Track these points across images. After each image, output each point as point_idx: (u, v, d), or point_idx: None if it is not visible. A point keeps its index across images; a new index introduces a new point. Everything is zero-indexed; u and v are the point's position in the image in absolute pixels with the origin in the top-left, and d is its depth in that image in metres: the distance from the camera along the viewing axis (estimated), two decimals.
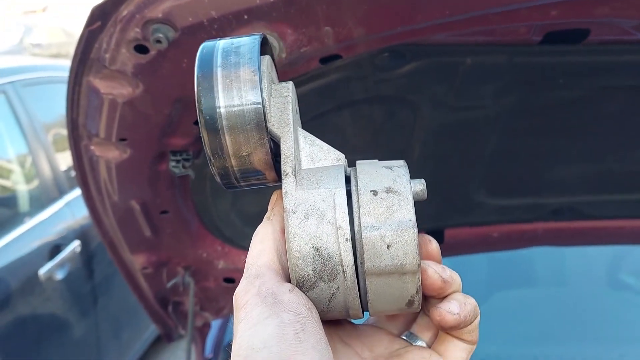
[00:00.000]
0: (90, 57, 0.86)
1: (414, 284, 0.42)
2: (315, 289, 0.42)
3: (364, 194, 0.42)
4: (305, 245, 0.41)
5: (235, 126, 0.42)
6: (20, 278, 2.21)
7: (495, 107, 1.04)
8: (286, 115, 0.45)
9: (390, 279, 0.41)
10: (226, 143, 0.42)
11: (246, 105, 0.42)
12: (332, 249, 0.41)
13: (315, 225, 0.41)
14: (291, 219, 0.41)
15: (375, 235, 0.40)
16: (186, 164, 1.07)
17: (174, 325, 1.51)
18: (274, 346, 0.36)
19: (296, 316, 0.39)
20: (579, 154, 1.17)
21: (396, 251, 0.40)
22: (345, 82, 0.97)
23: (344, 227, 0.41)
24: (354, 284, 0.42)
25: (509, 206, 1.28)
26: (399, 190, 0.42)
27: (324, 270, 0.41)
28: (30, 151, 2.59)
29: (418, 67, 0.95)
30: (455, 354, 0.46)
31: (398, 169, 0.44)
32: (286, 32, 0.80)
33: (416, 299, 0.43)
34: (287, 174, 0.43)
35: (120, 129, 0.97)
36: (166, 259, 1.34)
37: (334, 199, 0.41)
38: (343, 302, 0.42)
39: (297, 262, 0.41)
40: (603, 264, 1.83)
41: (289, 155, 0.43)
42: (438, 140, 1.12)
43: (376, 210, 0.41)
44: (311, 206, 0.41)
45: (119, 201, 1.15)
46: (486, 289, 1.75)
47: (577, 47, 0.93)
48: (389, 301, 0.43)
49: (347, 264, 0.41)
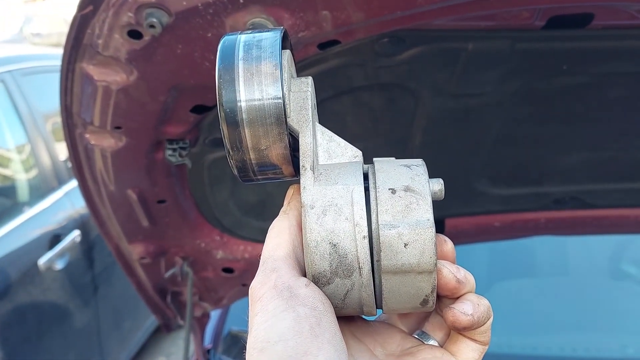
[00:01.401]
0: (82, 42, 0.84)
1: (430, 284, 0.42)
2: (331, 284, 0.42)
3: (382, 191, 0.42)
4: (322, 241, 0.41)
5: (255, 120, 0.42)
6: (20, 268, 2.20)
7: (497, 94, 1.02)
8: (305, 111, 0.45)
9: (406, 278, 0.41)
10: (245, 137, 0.43)
11: (267, 99, 0.42)
12: (349, 245, 0.41)
13: (333, 222, 0.41)
14: (309, 214, 0.41)
15: (393, 234, 0.41)
16: (183, 153, 1.06)
17: (172, 315, 1.51)
18: (290, 340, 0.37)
19: (312, 310, 0.39)
20: (581, 141, 1.15)
21: (413, 250, 0.41)
22: (345, 69, 0.96)
23: (361, 224, 0.41)
24: (369, 282, 0.42)
25: (511, 195, 1.26)
26: (417, 189, 0.42)
27: (340, 267, 0.41)
28: (30, 141, 2.57)
29: (419, 53, 0.93)
30: (467, 355, 0.46)
31: (417, 167, 0.44)
32: (283, 17, 0.78)
33: (431, 299, 0.43)
34: (306, 169, 0.43)
35: (115, 116, 0.95)
36: (164, 249, 1.33)
37: (352, 196, 0.42)
38: (358, 299, 0.43)
39: (314, 258, 0.41)
40: (604, 254, 1.82)
41: (307, 151, 0.43)
42: (439, 128, 1.10)
43: (394, 208, 0.41)
44: (329, 202, 0.41)
45: (116, 190, 1.14)
46: (487, 279, 1.74)
47: (581, 32, 0.91)
48: (404, 300, 0.43)
49: (363, 261, 0.41)
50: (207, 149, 1.11)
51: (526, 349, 1.50)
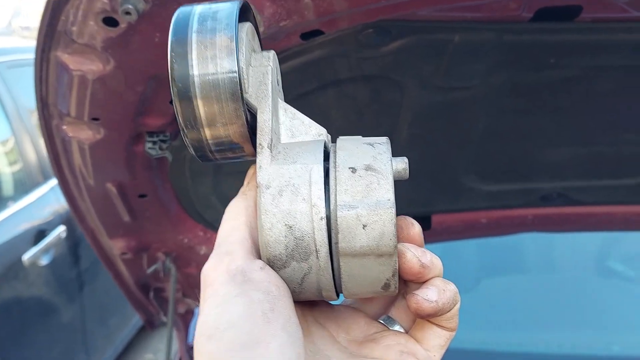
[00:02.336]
0: (57, 30, 0.81)
1: (390, 267, 0.40)
2: (287, 268, 0.40)
3: (342, 171, 0.40)
4: (278, 223, 0.39)
5: (209, 95, 0.40)
6: (4, 263, 2.17)
7: (484, 86, 1.01)
8: (265, 86, 0.43)
9: (365, 261, 0.39)
10: (199, 113, 0.40)
11: (221, 73, 0.40)
12: (306, 227, 0.39)
13: (289, 202, 0.39)
14: (264, 194, 0.39)
15: (351, 215, 0.38)
16: (163, 146, 1.03)
17: (155, 312, 1.48)
18: (240, 326, 0.35)
19: (266, 295, 0.37)
20: (569, 136, 1.14)
21: (372, 232, 0.38)
22: (329, 60, 0.93)
23: (318, 205, 0.39)
24: (327, 265, 0.40)
25: (498, 191, 1.25)
26: (378, 168, 0.40)
27: (296, 250, 0.39)
28: (14, 134, 2.53)
29: (404, 45, 0.91)
30: (433, 341, 0.44)
31: (380, 145, 0.42)
32: (264, 4, 0.76)
33: (392, 283, 0.41)
34: (263, 147, 0.41)
35: (92, 107, 0.93)
36: (146, 244, 1.30)
37: (310, 175, 0.40)
38: (316, 283, 0.41)
39: (268, 241, 0.39)
40: (591, 251, 1.82)
41: (265, 128, 0.41)
42: (425, 122, 1.08)
43: (354, 188, 0.39)
44: (286, 182, 0.40)
45: (95, 184, 1.11)
46: (474, 275, 1.73)
47: (569, 24, 0.89)
48: (364, 283, 0.41)
49: (320, 244, 0.39)
50: None
51: (512, 346, 1.50)
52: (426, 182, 1.22)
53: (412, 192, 1.19)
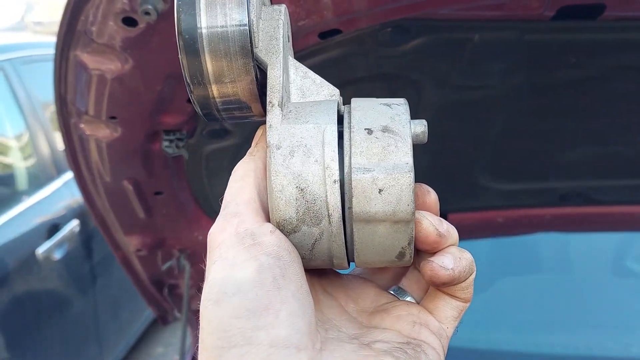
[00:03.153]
0: (76, 29, 0.81)
1: (407, 235, 0.38)
2: (297, 233, 0.38)
3: (357, 132, 0.37)
4: (289, 185, 0.37)
5: (217, 49, 0.38)
6: (18, 257, 2.19)
7: (503, 86, 1.00)
8: (276, 40, 0.40)
9: (380, 227, 0.37)
10: (207, 68, 0.38)
11: (230, 25, 0.37)
12: (318, 190, 0.37)
13: (301, 164, 0.37)
14: (274, 155, 0.37)
15: (367, 178, 0.36)
16: (180, 144, 1.03)
17: (169, 308, 1.49)
18: (249, 291, 0.33)
19: (276, 260, 0.35)
20: (588, 136, 1.12)
21: (389, 196, 0.36)
22: (346, 59, 0.93)
23: (332, 167, 0.37)
24: (339, 230, 0.38)
25: (515, 191, 1.24)
26: (396, 130, 0.37)
27: (307, 214, 0.37)
28: (29, 129, 2.55)
29: (423, 44, 0.90)
30: (445, 312, 0.42)
31: (397, 106, 0.39)
32: (283, 4, 0.75)
33: (407, 252, 0.39)
34: (273, 105, 0.39)
35: (110, 106, 0.93)
36: (161, 241, 1.31)
37: (323, 136, 0.37)
38: (327, 249, 0.39)
39: (279, 203, 0.37)
40: (608, 250, 1.80)
41: (275, 85, 0.39)
42: (442, 121, 1.07)
43: (369, 150, 0.37)
44: (297, 142, 0.37)
45: (111, 182, 1.11)
46: (489, 275, 1.72)
47: (591, 23, 0.88)
48: (378, 252, 0.39)
49: (333, 208, 0.37)
50: (205, 140, 1.08)
51: (528, 347, 1.48)
52: (442, 180, 1.21)
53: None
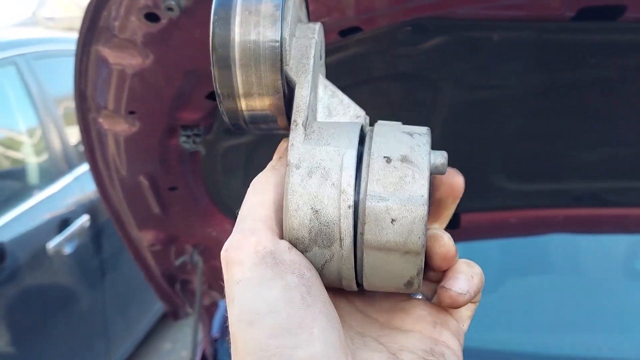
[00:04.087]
0: (99, 25, 0.82)
1: (416, 265, 0.38)
2: (308, 252, 0.38)
3: (376, 159, 0.38)
4: (304, 205, 0.38)
5: (248, 64, 0.39)
6: (29, 251, 2.20)
7: (520, 86, 1.00)
8: (306, 60, 0.41)
9: (390, 256, 0.38)
10: (237, 82, 0.39)
11: (263, 42, 0.38)
12: (332, 213, 0.37)
13: (318, 185, 0.38)
14: (293, 174, 0.38)
15: (381, 207, 0.37)
16: (197, 140, 1.04)
17: (181, 303, 1.50)
18: (281, 311, 0.34)
19: (300, 278, 0.36)
20: (605, 137, 1.12)
21: (401, 227, 0.37)
22: (365, 57, 0.93)
23: (347, 192, 0.37)
24: (350, 255, 0.39)
25: (529, 191, 1.23)
26: (415, 160, 0.38)
27: (319, 235, 0.38)
28: (41, 124, 2.56)
29: (441, 43, 0.91)
30: (461, 312, 0.44)
31: (419, 137, 0.40)
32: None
33: (416, 281, 0.39)
34: (297, 124, 0.40)
35: (130, 101, 0.93)
36: (175, 237, 1.31)
37: (342, 160, 0.38)
38: (337, 271, 0.40)
39: (293, 222, 0.38)
40: (619, 252, 1.79)
41: (301, 105, 0.40)
42: (458, 120, 1.07)
43: (386, 179, 0.37)
44: (317, 164, 0.38)
45: (127, 176, 1.12)
46: (498, 275, 1.72)
47: (611, 24, 0.88)
48: (386, 278, 0.40)
49: (345, 232, 0.38)
50: (222, 137, 1.09)
51: (538, 347, 1.48)
52: None
53: None
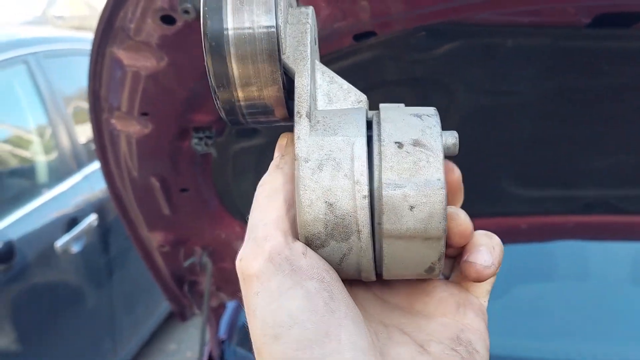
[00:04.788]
0: (114, 26, 0.83)
1: (437, 251, 0.37)
2: (326, 248, 0.37)
3: (388, 145, 0.36)
4: (317, 200, 0.36)
5: (244, 55, 0.37)
6: (37, 250, 2.21)
7: (534, 92, 0.99)
8: (303, 47, 0.40)
9: (411, 244, 0.37)
10: (233, 72, 0.37)
11: (258, 32, 0.36)
12: (347, 205, 0.36)
13: (330, 178, 0.36)
14: (302, 168, 0.36)
15: (398, 195, 0.35)
16: (209, 142, 1.04)
17: (188, 304, 1.50)
18: (306, 321, 0.33)
19: (321, 283, 0.35)
20: (617, 144, 1.11)
21: (420, 214, 0.35)
22: (378, 62, 0.93)
23: (362, 182, 0.36)
24: (368, 246, 0.37)
25: (540, 197, 1.23)
26: (428, 143, 0.36)
27: (336, 229, 0.36)
28: (50, 122, 2.58)
29: (455, 48, 0.90)
30: (481, 287, 0.42)
31: (428, 118, 0.38)
32: (320, 6, 0.76)
33: (437, 266, 0.38)
34: (301, 115, 0.38)
35: (143, 103, 0.94)
36: (184, 238, 1.32)
37: (352, 149, 0.36)
38: (356, 264, 0.38)
39: (307, 218, 0.36)
40: (626, 259, 1.78)
41: (303, 94, 0.38)
42: (471, 126, 1.07)
43: (400, 165, 0.36)
44: (326, 155, 0.37)
45: (139, 177, 1.13)
46: (505, 282, 1.71)
47: (627, 31, 0.87)
48: (407, 266, 0.38)
49: (362, 224, 0.36)
50: (233, 139, 1.09)
51: (546, 354, 1.48)
52: (467, 185, 1.20)
53: None
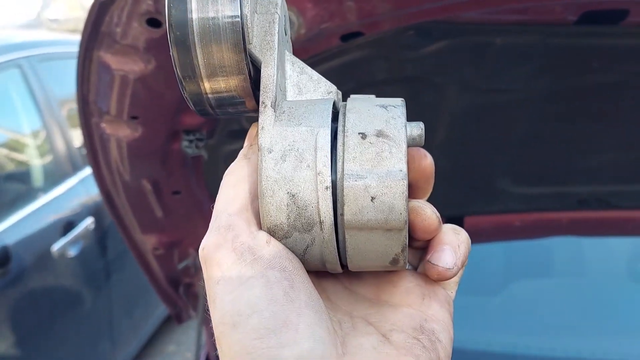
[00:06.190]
0: (100, 30, 0.82)
1: (399, 242, 0.37)
2: (289, 239, 0.37)
3: (351, 136, 0.36)
4: (280, 190, 0.36)
5: (209, 45, 0.37)
6: (34, 254, 2.21)
7: (526, 90, 0.99)
8: (270, 36, 0.39)
9: (373, 235, 0.37)
10: (198, 63, 0.37)
11: (223, 21, 0.36)
12: (310, 196, 0.36)
13: (292, 169, 0.36)
14: (265, 159, 0.36)
15: (359, 185, 0.36)
16: (199, 144, 1.04)
17: (184, 306, 1.50)
18: (264, 310, 0.33)
19: (282, 272, 0.35)
20: (611, 141, 1.11)
21: (381, 205, 0.36)
22: (368, 61, 0.93)
23: (324, 173, 0.36)
24: (331, 237, 0.37)
25: (534, 195, 1.23)
26: (391, 134, 0.36)
27: (298, 220, 0.36)
28: (45, 126, 2.57)
29: (445, 47, 0.90)
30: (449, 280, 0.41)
31: (394, 109, 0.38)
32: (306, 7, 0.76)
33: (401, 258, 0.38)
34: (266, 106, 0.38)
35: (132, 106, 0.94)
36: (178, 240, 1.31)
37: (315, 140, 0.37)
38: (319, 255, 0.38)
39: (269, 209, 0.37)
40: (623, 255, 1.78)
41: (269, 85, 0.38)
42: (464, 124, 1.07)
43: (363, 156, 0.36)
44: (289, 146, 0.37)
45: (131, 180, 1.12)
46: (502, 278, 1.71)
47: (614, 28, 0.87)
48: (371, 258, 0.38)
49: (324, 215, 0.36)
50: (224, 141, 1.09)
51: (543, 350, 1.48)
52: (460, 183, 1.21)
53: (446, 194, 1.18)
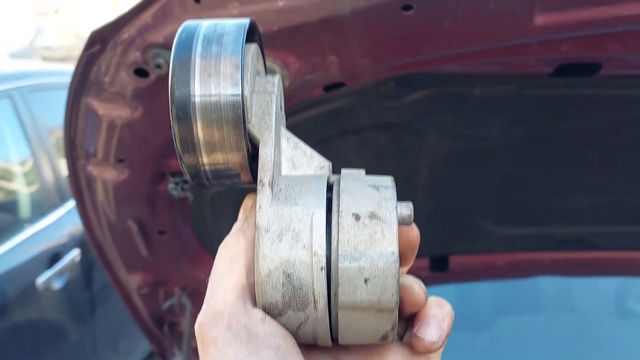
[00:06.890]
0: (89, 79, 0.84)
1: (390, 321, 0.39)
2: (283, 316, 0.38)
3: (345, 217, 0.38)
4: (276, 270, 0.37)
5: (210, 123, 0.38)
6: (18, 287, 2.18)
7: (504, 137, 1.02)
8: (268, 116, 0.41)
9: (365, 314, 0.38)
10: (198, 138, 0.38)
11: (224, 104, 0.38)
12: (305, 276, 0.37)
13: (289, 249, 0.37)
14: (263, 238, 0.37)
15: (353, 268, 0.37)
16: (185, 186, 1.05)
17: (169, 345, 1.49)
18: None
19: (276, 352, 0.36)
20: (589, 184, 1.14)
21: (374, 287, 0.37)
22: (350, 109, 0.95)
23: (319, 254, 0.37)
24: (324, 316, 0.38)
25: (516, 235, 1.25)
26: (383, 216, 0.38)
27: (293, 299, 0.38)
28: (34, 156, 2.57)
29: (425, 96, 0.93)
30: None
31: (385, 190, 0.39)
32: (290, 61, 0.78)
33: (390, 335, 0.40)
34: (264, 185, 0.39)
35: (119, 150, 0.95)
36: (163, 279, 1.31)
37: (311, 220, 0.38)
38: (312, 332, 0.39)
39: (265, 288, 0.38)
40: (610, 291, 1.79)
41: (267, 164, 0.39)
42: (445, 167, 1.09)
43: (357, 238, 0.37)
44: (286, 226, 0.38)
45: (116, 221, 1.13)
46: (490, 315, 1.72)
47: (588, 79, 0.91)
48: (361, 334, 0.40)
49: (319, 295, 0.38)
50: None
51: None
52: (444, 224, 1.23)
53: (430, 233, 1.20)
